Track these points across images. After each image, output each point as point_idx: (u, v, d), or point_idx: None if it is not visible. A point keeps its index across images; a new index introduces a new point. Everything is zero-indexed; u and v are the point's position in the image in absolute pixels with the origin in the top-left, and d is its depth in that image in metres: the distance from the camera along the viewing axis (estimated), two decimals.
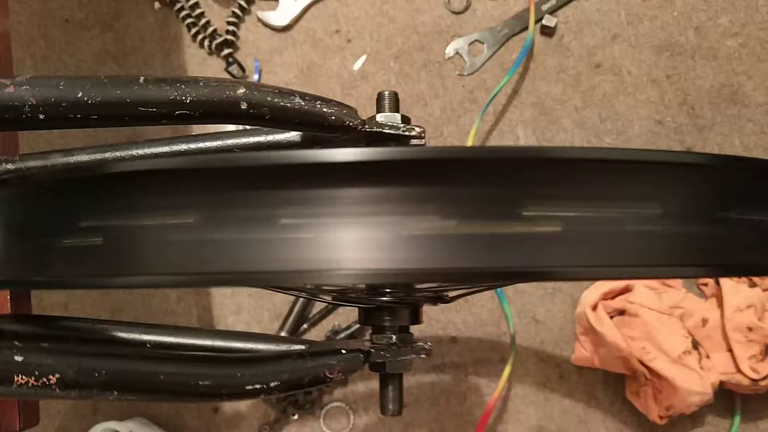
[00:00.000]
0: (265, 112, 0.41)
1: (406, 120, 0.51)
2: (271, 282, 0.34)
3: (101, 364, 0.35)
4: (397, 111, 0.51)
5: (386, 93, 0.51)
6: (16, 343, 0.34)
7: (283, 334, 0.94)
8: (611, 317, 0.84)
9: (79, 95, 0.36)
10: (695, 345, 0.81)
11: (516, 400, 0.92)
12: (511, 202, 0.29)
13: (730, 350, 0.80)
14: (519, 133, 0.96)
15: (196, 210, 0.30)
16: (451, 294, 0.49)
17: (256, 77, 0.98)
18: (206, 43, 0.99)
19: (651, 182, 0.29)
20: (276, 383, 0.39)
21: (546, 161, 0.29)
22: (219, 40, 0.98)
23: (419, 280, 0.40)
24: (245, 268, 0.31)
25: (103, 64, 1.01)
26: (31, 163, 0.48)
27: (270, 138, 0.48)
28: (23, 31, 1.04)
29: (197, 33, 0.99)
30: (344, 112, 0.44)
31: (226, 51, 0.98)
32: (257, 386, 0.39)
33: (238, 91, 0.40)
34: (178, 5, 0.99)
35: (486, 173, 0.29)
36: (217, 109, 0.40)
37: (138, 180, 0.32)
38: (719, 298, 0.83)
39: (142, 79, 0.38)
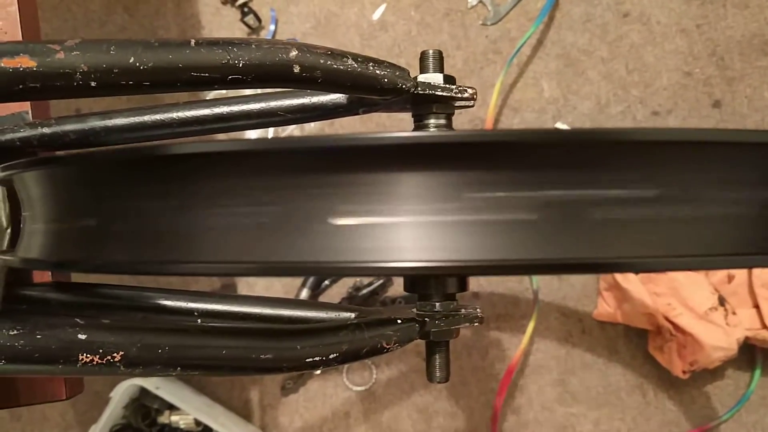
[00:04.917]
0: (318, 76, 0.39)
1: (450, 80, 0.48)
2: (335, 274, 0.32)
3: (164, 339, 0.34)
4: (442, 71, 0.49)
5: (430, 52, 0.49)
6: (78, 320, 0.33)
7: (305, 290, 0.93)
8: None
9: (131, 60, 0.34)
10: (721, 301, 0.81)
11: (538, 354, 0.93)
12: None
13: (757, 306, 0.80)
14: (544, 85, 0.94)
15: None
16: None
17: (272, 28, 0.95)
18: None
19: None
20: (335, 355, 0.39)
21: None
22: None
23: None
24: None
25: (113, 14, 0.98)
26: (68, 127, 0.46)
27: (314, 100, 0.47)
28: None
29: None
30: (397, 74, 0.42)
31: (241, 0, 0.95)
32: (316, 358, 0.38)
33: (291, 54, 0.38)
34: None
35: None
36: (270, 73, 0.38)
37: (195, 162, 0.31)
38: None
39: (193, 42, 0.36)
